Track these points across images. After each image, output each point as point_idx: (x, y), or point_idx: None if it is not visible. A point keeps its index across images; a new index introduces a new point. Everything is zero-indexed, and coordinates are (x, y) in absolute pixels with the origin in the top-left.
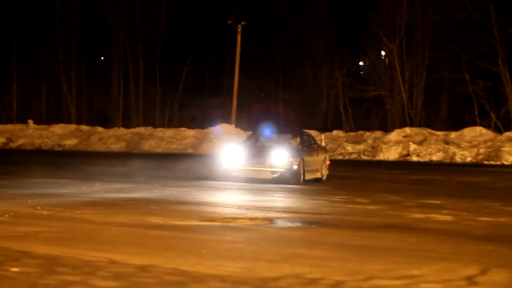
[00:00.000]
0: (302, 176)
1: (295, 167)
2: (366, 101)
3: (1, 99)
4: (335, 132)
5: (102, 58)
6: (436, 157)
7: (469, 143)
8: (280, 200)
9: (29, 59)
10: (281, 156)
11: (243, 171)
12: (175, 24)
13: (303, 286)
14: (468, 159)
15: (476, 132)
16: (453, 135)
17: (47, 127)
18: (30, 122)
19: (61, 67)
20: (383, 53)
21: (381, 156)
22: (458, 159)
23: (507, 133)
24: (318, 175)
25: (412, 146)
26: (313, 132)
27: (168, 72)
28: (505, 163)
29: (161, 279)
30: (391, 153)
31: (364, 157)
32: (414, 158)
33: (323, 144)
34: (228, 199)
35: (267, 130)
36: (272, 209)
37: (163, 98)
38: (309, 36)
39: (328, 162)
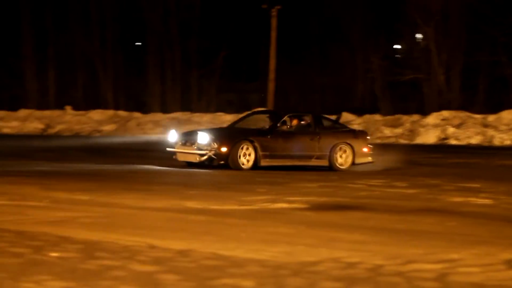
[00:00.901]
0: (246, 161)
1: (224, 149)
2: (403, 84)
3: (39, 85)
4: (372, 116)
5: (138, 44)
6: (475, 140)
7: (508, 126)
8: (316, 184)
9: (65, 46)
10: (204, 138)
11: (178, 154)
12: (210, 8)
13: (342, 270)
14: (507, 142)
15: None
16: (491, 118)
17: (85, 113)
18: (68, 108)
19: (97, 54)
20: (419, 36)
21: (419, 140)
22: (496, 142)
23: None
24: (318, 162)
25: (450, 130)
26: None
27: (204, 57)
28: None
29: (199, 264)
30: (429, 137)
31: (402, 141)
32: (453, 142)
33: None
34: (250, 182)
35: None
36: (309, 194)
37: (199, 83)
38: (344, 20)
39: (364, 149)
